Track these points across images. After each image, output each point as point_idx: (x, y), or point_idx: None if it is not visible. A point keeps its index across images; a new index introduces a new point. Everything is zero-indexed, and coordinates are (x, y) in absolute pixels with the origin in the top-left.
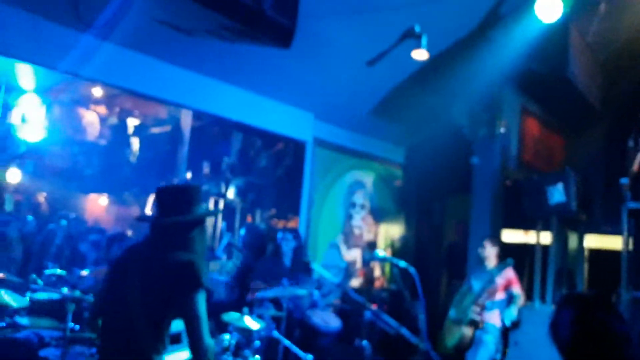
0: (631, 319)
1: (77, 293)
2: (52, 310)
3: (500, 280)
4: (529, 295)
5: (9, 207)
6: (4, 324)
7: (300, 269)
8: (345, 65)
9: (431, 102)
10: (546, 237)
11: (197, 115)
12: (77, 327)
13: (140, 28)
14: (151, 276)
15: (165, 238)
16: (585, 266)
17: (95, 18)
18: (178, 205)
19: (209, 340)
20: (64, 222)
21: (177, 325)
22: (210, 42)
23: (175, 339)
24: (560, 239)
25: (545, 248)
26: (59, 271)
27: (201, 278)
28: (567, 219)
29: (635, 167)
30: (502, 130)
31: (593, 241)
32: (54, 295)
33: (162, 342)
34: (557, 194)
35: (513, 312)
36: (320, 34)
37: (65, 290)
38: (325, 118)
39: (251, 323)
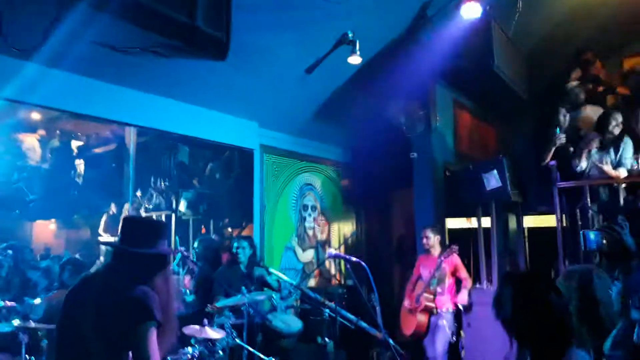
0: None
1: (30, 323)
2: (4, 343)
3: (446, 267)
4: (476, 278)
5: None
6: None
7: (256, 275)
8: (284, 73)
9: (369, 103)
10: (487, 222)
11: (141, 131)
12: (32, 358)
13: (76, 50)
14: (105, 306)
15: (125, 268)
16: (526, 245)
17: (24, 42)
18: (143, 237)
19: None
20: (10, 252)
21: None
22: (148, 60)
23: None
24: (500, 222)
25: (487, 232)
26: (8, 302)
27: (152, 312)
28: (504, 203)
29: (547, 158)
30: (437, 124)
31: (531, 221)
32: (6, 328)
33: None
34: (492, 180)
35: (463, 295)
36: (258, 45)
37: (17, 321)
38: (269, 125)
39: (213, 333)
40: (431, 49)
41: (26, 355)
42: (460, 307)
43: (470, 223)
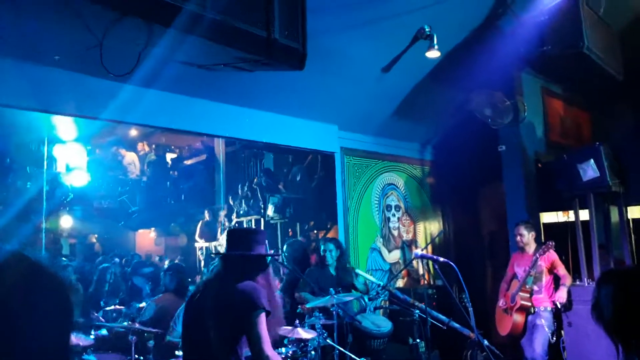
0: None
1: (137, 325)
2: (116, 344)
3: (543, 264)
4: (575, 275)
5: (65, 250)
6: None
7: (346, 276)
8: (361, 74)
9: (451, 97)
10: (585, 214)
11: (229, 141)
12: (141, 358)
13: (167, 70)
14: (221, 302)
15: (232, 271)
16: (631, 238)
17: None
18: (245, 244)
19: (269, 352)
20: (116, 260)
21: None
22: (232, 74)
23: None
24: (600, 214)
25: (585, 225)
26: (117, 306)
27: (259, 300)
28: (604, 194)
29: None
30: (525, 114)
31: (637, 212)
32: (117, 330)
33: (236, 356)
34: (589, 170)
35: (562, 293)
36: (333, 49)
37: (126, 323)
38: (349, 127)
39: (304, 334)
40: (514, 36)
41: (135, 355)
42: (559, 305)
43: (567, 217)
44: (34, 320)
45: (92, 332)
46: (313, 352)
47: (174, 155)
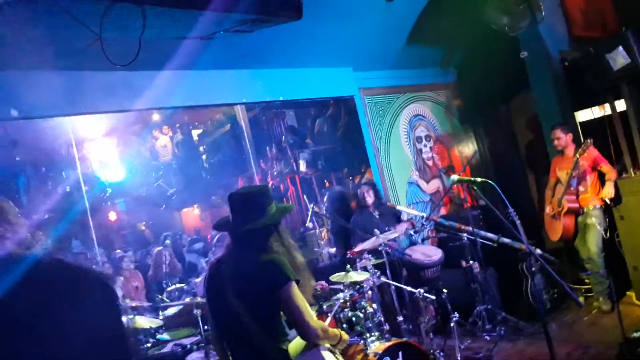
0: None
1: (199, 299)
2: (184, 320)
3: (585, 163)
4: (621, 168)
5: (118, 243)
6: (149, 344)
7: (388, 215)
8: (365, 9)
9: (462, 13)
10: (622, 105)
11: (249, 106)
12: (207, 327)
13: (168, 49)
14: (244, 283)
15: (245, 244)
16: None
17: (124, 56)
18: (250, 210)
19: (315, 324)
20: (167, 242)
21: None
22: (235, 39)
23: None
24: (637, 101)
25: (623, 116)
26: (178, 285)
27: (286, 272)
28: (638, 80)
29: None
30: (542, 13)
31: None
32: (182, 307)
33: (279, 332)
34: (619, 58)
35: (608, 189)
36: None
37: (188, 299)
38: (364, 67)
39: (357, 276)
40: None
41: (204, 327)
42: (608, 201)
43: (604, 110)
44: (81, 316)
45: (160, 313)
46: (370, 292)
47: (199, 131)
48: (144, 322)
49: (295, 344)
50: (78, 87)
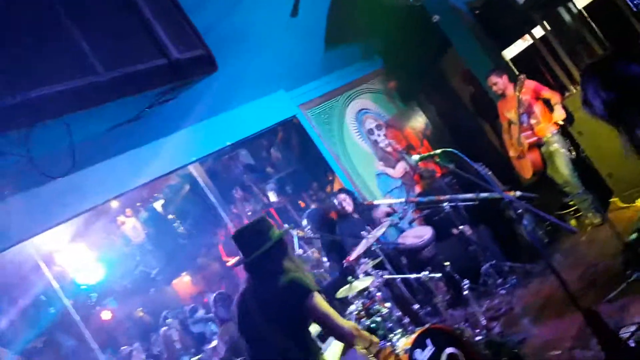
0: None
1: None
2: None
3: (526, 96)
4: (562, 88)
5: (123, 340)
6: None
7: (370, 214)
8: (273, 31)
9: (366, 1)
10: (540, 30)
11: (201, 161)
12: None
13: (105, 140)
14: (271, 305)
15: (260, 272)
16: (593, 26)
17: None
18: (254, 241)
19: (347, 324)
20: (169, 320)
21: None
22: (164, 108)
23: None
24: (553, 21)
25: (545, 39)
26: (194, 358)
27: (307, 286)
28: (544, 4)
29: None
30: None
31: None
32: None
33: (313, 346)
34: None
35: (557, 112)
36: (237, 29)
37: None
38: (295, 84)
39: (361, 283)
40: None
41: None
42: (562, 122)
43: (527, 41)
44: None
45: None
46: (379, 293)
47: (161, 202)
48: None
49: (331, 353)
50: (25, 210)
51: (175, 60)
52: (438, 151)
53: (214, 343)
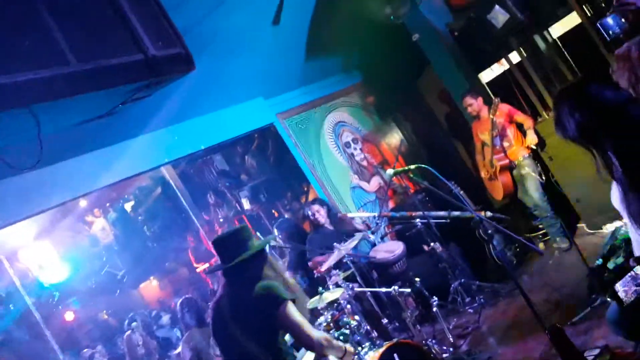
0: None
1: None
2: None
3: (500, 119)
4: (535, 113)
5: (85, 342)
6: None
7: (343, 226)
8: (256, 39)
9: (348, 16)
10: (517, 56)
11: (174, 164)
12: None
13: (73, 135)
14: (246, 315)
15: (238, 279)
16: (566, 55)
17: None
18: (234, 248)
19: (317, 335)
20: (134, 324)
21: None
22: (140, 105)
23: None
24: (529, 48)
25: (521, 65)
26: None
27: (280, 294)
28: (522, 30)
29: None
30: None
31: (559, 30)
32: None
33: (284, 354)
34: (499, 16)
35: (530, 136)
36: (218, 32)
37: None
38: (274, 92)
39: (331, 295)
40: None
41: None
42: (534, 147)
43: (502, 65)
44: None
45: None
46: (349, 306)
47: (131, 203)
48: None
49: None
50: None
51: (152, 56)
52: (412, 166)
53: (179, 349)
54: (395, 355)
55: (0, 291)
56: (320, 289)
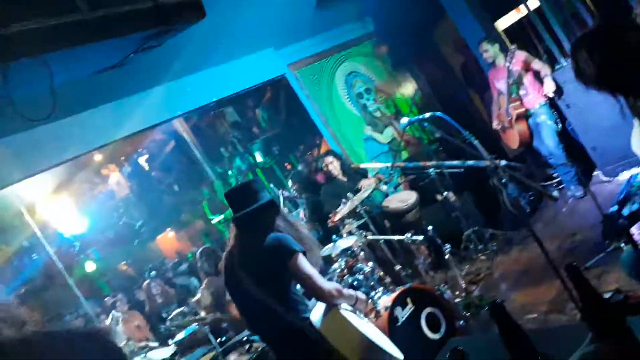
0: None
1: (202, 316)
2: (196, 340)
3: (516, 67)
4: (552, 60)
5: (106, 290)
6: None
7: (356, 177)
8: None
9: None
10: (535, 1)
11: (186, 117)
12: (223, 338)
13: (86, 87)
14: (257, 265)
15: (249, 229)
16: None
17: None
18: (245, 199)
19: (327, 286)
20: (152, 274)
21: None
22: (150, 56)
23: None
24: None
25: (539, 11)
26: (178, 310)
27: (291, 246)
28: None
29: None
30: None
31: None
32: (189, 329)
33: (298, 302)
34: None
35: (547, 84)
36: None
37: (193, 320)
38: (285, 43)
39: (345, 242)
40: None
41: (217, 340)
42: (551, 95)
43: (521, 12)
44: None
45: (171, 342)
46: (362, 253)
47: (146, 157)
48: (157, 355)
49: (317, 311)
50: (4, 157)
51: (162, 3)
52: (427, 115)
53: (198, 296)
54: (408, 299)
55: (23, 242)
56: (334, 237)
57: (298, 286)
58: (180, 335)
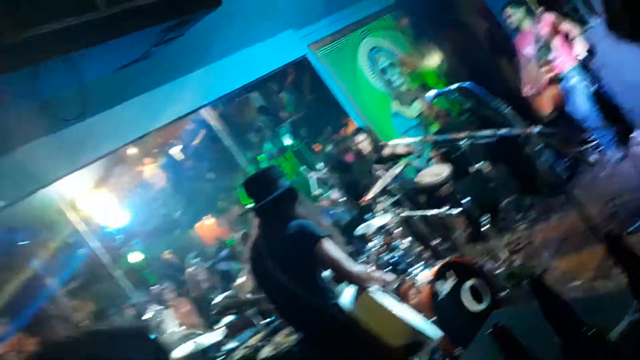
0: None
1: (248, 296)
2: (244, 323)
3: (544, 30)
4: (581, 21)
5: (153, 280)
6: (223, 355)
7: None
8: None
9: None
10: None
11: (213, 106)
12: (269, 319)
13: (114, 83)
14: (280, 251)
15: (271, 218)
16: None
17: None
18: (265, 186)
19: (356, 268)
20: (197, 260)
21: None
22: (174, 46)
23: None
24: None
25: None
26: (223, 295)
27: (315, 232)
28: None
29: None
30: None
31: None
32: (235, 312)
33: (325, 288)
34: None
35: (577, 45)
36: None
37: (238, 303)
38: (304, 22)
39: (379, 221)
40: None
41: (262, 321)
42: (582, 56)
43: None
44: None
45: (221, 325)
46: (399, 230)
47: (178, 147)
48: (208, 339)
49: (346, 295)
50: (42, 157)
51: None
52: (454, 86)
53: (242, 279)
54: (449, 272)
55: (68, 238)
56: (368, 215)
57: (324, 273)
58: (228, 318)
